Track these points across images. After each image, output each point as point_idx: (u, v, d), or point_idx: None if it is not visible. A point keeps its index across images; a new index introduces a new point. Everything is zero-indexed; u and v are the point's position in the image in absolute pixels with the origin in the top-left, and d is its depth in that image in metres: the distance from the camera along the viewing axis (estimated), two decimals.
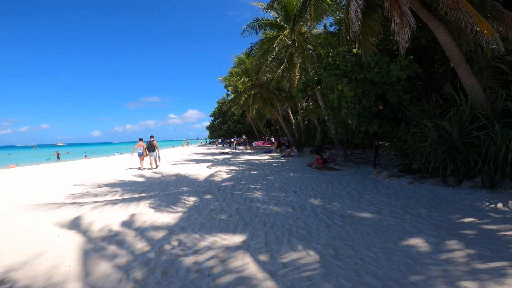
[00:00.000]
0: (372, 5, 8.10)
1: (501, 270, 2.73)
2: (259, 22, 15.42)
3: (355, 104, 8.32)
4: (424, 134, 7.09)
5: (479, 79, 6.76)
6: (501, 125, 5.72)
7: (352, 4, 7.12)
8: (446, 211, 4.87)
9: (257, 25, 15.39)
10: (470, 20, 6.13)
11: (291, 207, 5.58)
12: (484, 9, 6.75)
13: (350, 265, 3.09)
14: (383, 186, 7.01)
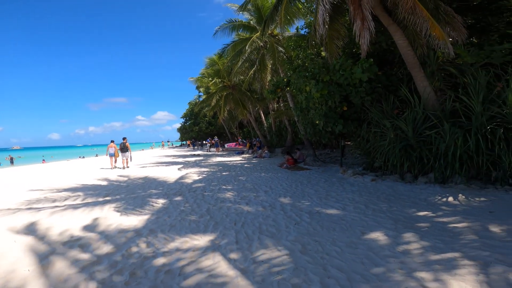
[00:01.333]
0: (339, 10, 8.39)
1: (453, 261, 2.95)
2: (232, 23, 15.44)
3: (321, 105, 8.66)
4: (383, 133, 7.57)
5: (431, 82, 7.29)
6: (449, 124, 6.26)
7: (320, 8, 7.34)
8: (403, 205, 5.25)
9: (230, 26, 15.39)
10: (424, 25, 6.51)
11: (262, 206, 5.67)
12: (438, 14, 7.16)
13: (317, 260, 3.22)
14: (348, 184, 7.37)
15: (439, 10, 7.16)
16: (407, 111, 7.12)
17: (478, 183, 5.88)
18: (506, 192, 5.38)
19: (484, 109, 5.97)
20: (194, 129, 45.48)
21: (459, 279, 2.55)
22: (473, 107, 6.08)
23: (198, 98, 44.58)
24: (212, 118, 40.45)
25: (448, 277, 2.63)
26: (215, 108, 26.52)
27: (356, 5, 7.07)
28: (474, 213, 4.53)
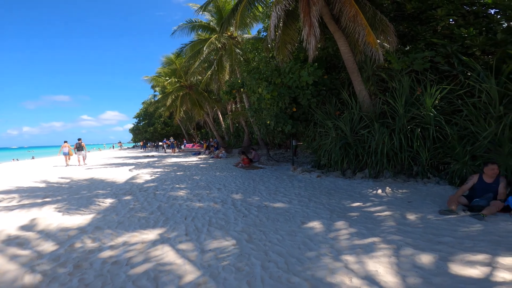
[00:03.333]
0: (293, 15, 8.81)
1: (372, 245, 3.41)
2: (191, 23, 15.31)
3: (273, 106, 9.14)
4: (327, 133, 8.27)
5: (367, 86, 8.12)
6: (378, 124, 7.09)
7: (273, 15, 7.72)
8: (340, 198, 5.86)
9: (190, 26, 15.24)
10: (362, 32, 7.18)
11: (214, 202, 5.85)
12: (375, 23, 7.69)
13: (260, 247, 3.51)
14: (297, 180, 7.91)
15: (376, 18, 7.74)
16: (346, 112, 7.88)
17: (403, 177, 6.80)
18: (424, 184, 6.33)
19: (406, 111, 6.88)
20: (149, 129, 43.56)
21: (375, 261, 2.98)
22: (398, 109, 6.98)
23: (153, 97, 42.86)
24: (168, 118, 39.21)
25: (367, 259, 3.05)
26: (171, 108, 25.85)
27: (306, 12, 7.53)
28: (396, 203, 5.25)
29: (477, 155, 5.69)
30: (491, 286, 2.35)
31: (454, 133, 6.08)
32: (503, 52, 6.47)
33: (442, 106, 6.68)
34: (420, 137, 6.48)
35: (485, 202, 4.32)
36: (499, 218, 4.07)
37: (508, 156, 5.28)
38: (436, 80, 7.03)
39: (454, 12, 7.48)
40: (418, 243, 3.39)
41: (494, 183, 4.48)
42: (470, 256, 2.94)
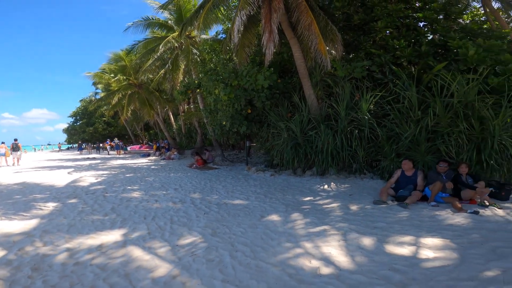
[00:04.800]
0: (254, 20, 9.13)
1: (324, 232, 3.91)
2: (148, 20, 14.69)
3: (229, 108, 9.39)
4: (279, 134, 8.80)
5: (315, 90, 8.85)
6: (324, 126, 7.83)
7: (237, 19, 7.92)
8: (293, 193, 6.39)
9: (146, 23, 14.57)
10: (314, 41, 7.76)
11: (172, 202, 5.86)
12: (326, 32, 8.26)
13: (226, 239, 3.74)
14: (252, 179, 8.29)
15: (327, 28, 8.33)
16: (296, 115, 8.53)
17: (345, 173, 7.66)
18: (361, 179, 7.22)
19: (346, 114, 7.74)
20: (88, 130, 39.77)
21: (327, 245, 3.45)
22: (340, 112, 7.82)
23: (95, 95, 39.38)
24: (112, 118, 36.39)
25: (321, 243, 3.50)
26: (117, 107, 24.15)
27: (267, 19, 7.92)
28: (340, 196, 5.96)
29: (401, 153, 6.73)
30: (418, 262, 2.92)
31: (383, 134, 7.07)
32: (425, 63, 7.75)
33: (375, 111, 7.67)
34: (357, 137, 7.37)
35: (407, 192, 5.21)
36: (419, 206, 4.94)
37: (424, 153, 6.40)
38: (371, 87, 8.02)
39: (390, 24, 8.57)
40: (359, 228, 3.99)
41: (413, 176, 5.43)
42: (399, 238, 3.57)
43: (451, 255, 3.02)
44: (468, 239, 3.43)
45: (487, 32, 8.46)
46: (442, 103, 6.54)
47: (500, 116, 5.85)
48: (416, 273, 2.67)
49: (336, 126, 7.81)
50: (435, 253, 3.09)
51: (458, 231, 3.72)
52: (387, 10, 8.52)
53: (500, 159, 5.72)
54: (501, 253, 2.98)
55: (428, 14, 8.64)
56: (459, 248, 3.16)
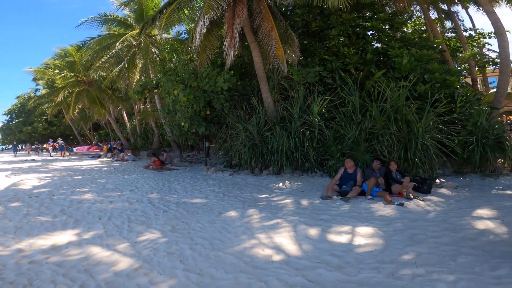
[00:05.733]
0: (217, 23, 9.23)
1: (277, 224, 4.32)
2: (105, 17, 13.84)
3: (187, 109, 9.40)
4: (237, 135, 9.09)
5: (272, 93, 9.29)
6: (279, 127, 8.33)
7: (200, 23, 8.00)
8: (251, 191, 6.75)
9: (102, 20, 13.69)
10: (274, 46, 8.12)
11: (128, 202, 5.81)
12: (285, 38, 8.56)
13: (185, 234, 3.94)
14: (211, 179, 8.47)
15: (287, 34, 8.59)
16: (254, 116, 8.92)
17: (298, 172, 8.24)
18: (313, 177, 7.85)
19: (299, 116, 8.30)
20: (25, 129, 35.66)
21: (280, 236, 3.85)
22: (294, 115, 8.37)
23: (35, 92, 35.53)
24: (55, 117, 33.17)
25: (273, 235, 3.90)
26: (61, 106, 22.19)
27: (230, 24, 8.10)
28: (293, 193, 6.46)
29: (345, 152, 7.48)
30: (352, 248, 3.43)
31: (330, 135, 7.76)
32: (368, 70, 8.63)
33: (324, 114, 8.37)
34: (308, 138, 7.97)
35: (349, 188, 5.87)
36: (359, 200, 5.60)
37: (364, 152, 7.23)
38: (322, 91, 8.67)
39: (343, 32, 9.33)
40: (307, 220, 4.47)
41: (354, 173, 6.15)
42: (340, 227, 4.11)
43: (378, 241, 3.58)
44: (393, 227, 4.05)
45: (421, 42, 9.57)
46: (378, 107, 7.42)
47: (423, 119, 6.85)
48: (350, 257, 3.16)
49: (290, 127, 8.35)
50: (366, 240, 3.64)
51: (386, 220, 4.37)
52: (341, 19, 9.26)
53: (423, 157, 6.74)
54: (417, 239, 3.59)
55: (376, 23, 9.61)
56: (384, 236, 3.74)
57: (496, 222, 3.99)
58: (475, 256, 3.04)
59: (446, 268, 2.80)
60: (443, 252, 3.16)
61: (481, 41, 15.72)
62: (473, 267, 2.81)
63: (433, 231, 3.81)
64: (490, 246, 3.29)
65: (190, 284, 2.61)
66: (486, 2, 8.18)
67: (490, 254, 3.08)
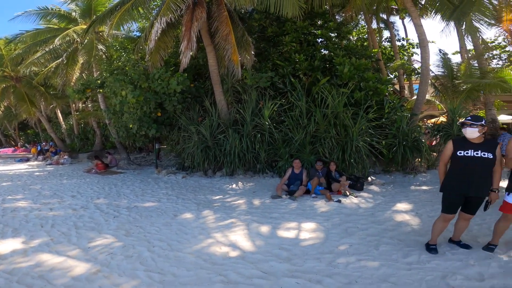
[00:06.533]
0: (174, 25, 8.93)
1: (231, 224, 4.58)
2: (45, 10, 12.28)
3: (136, 110, 9.07)
4: (190, 137, 9.08)
5: (225, 96, 9.47)
6: (232, 130, 8.58)
7: (156, 25, 7.78)
8: (204, 193, 6.89)
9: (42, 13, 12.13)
10: (229, 50, 7.99)
11: (72, 209, 5.50)
12: (242, 42, 8.66)
13: (141, 238, 3.98)
14: (163, 182, 8.35)
15: (243, 39, 8.71)
16: (207, 119, 9.02)
17: (250, 173, 8.61)
18: (264, 178, 8.29)
19: (251, 119, 8.66)
20: None
21: (234, 234, 4.12)
22: (246, 118, 8.71)
23: None
24: None
25: (228, 233, 4.16)
26: None
27: (187, 27, 7.97)
28: (246, 194, 6.80)
29: (293, 154, 8.09)
30: (298, 242, 3.85)
31: (280, 138, 8.30)
32: (315, 76, 9.37)
33: (274, 117, 8.82)
34: (260, 141, 8.39)
35: (296, 187, 6.43)
36: (304, 198, 6.14)
37: (309, 154, 7.95)
38: (273, 95, 9.19)
39: (295, 39, 9.89)
40: (259, 219, 4.83)
41: (300, 174, 6.77)
42: (288, 224, 4.54)
43: (320, 235, 4.08)
44: (332, 222, 4.60)
45: (361, 51, 10.57)
46: (321, 112, 8.21)
47: (357, 124, 7.79)
48: (297, 250, 3.57)
49: (242, 130, 8.69)
50: (310, 234, 4.12)
51: (326, 216, 4.94)
52: (295, 26, 9.83)
53: (357, 158, 7.70)
54: (350, 232, 4.16)
55: (325, 32, 10.43)
56: (325, 230, 4.26)
57: (411, 214, 4.80)
58: (392, 245, 3.60)
59: (371, 256, 3.32)
60: (369, 242, 3.71)
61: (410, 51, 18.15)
62: (391, 255, 3.31)
63: (363, 224, 4.45)
64: (404, 236, 3.89)
65: (154, 283, 2.73)
66: (416, 15, 9.26)
67: (404, 243, 3.64)
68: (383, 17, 16.42)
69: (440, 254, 3.23)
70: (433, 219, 3.42)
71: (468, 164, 3.01)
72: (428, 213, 4.71)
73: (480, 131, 2.99)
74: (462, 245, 3.37)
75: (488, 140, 3.18)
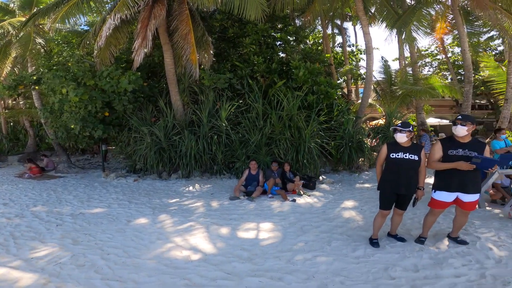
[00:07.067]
0: (128, 22, 8.35)
1: (191, 227, 4.52)
2: None
3: (79, 109, 8.31)
4: (142, 138, 8.65)
5: (182, 97, 9.22)
6: (188, 131, 8.42)
7: (109, 21, 7.24)
8: (160, 197, 6.64)
9: None
10: (188, 50, 7.73)
11: (5, 218, 4.89)
12: (201, 42, 8.57)
13: (92, 246, 3.73)
14: (112, 186, 7.80)
15: (203, 39, 8.61)
16: (161, 120, 8.70)
17: (207, 174, 8.54)
18: (221, 179, 8.30)
19: (208, 121, 8.60)
20: None
21: (194, 237, 4.09)
22: (202, 119, 8.61)
23: None
24: None
25: (188, 237, 4.11)
26: None
27: (144, 25, 7.51)
28: (204, 196, 6.71)
29: (249, 155, 8.24)
30: (258, 241, 3.98)
31: (237, 139, 8.38)
32: (272, 79, 9.64)
33: (231, 119, 8.92)
34: (216, 142, 8.36)
35: (253, 188, 6.59)
36: (262, 198, 6.30)
37: (265, 155, 8.21)
38: (231, 96, 9.19)
39: (255, 41, 9.99)
40: (218, 221, 4.85)
41: (257, 175, 6.95)
42: (247, 225, 4.64)
43: (278, 234, 4.25)
44: (288, 221, 4.82)
45: (316, 56, 11.12)
46: (276, 115, 8.53)
47: (309, 126, 8.28)
48: (257, 250, 3.70)
49: (199, 131, 8.57)
50: (268, 233, 4.27)
51: (282, 215, 5.15)
52: (256, 28, 9.92)
53: (309, 159, 8.20)
54: (305, 230, 4.41)
55: (284, 35, 10.76)
56: (282, 229, 4.45)
57: (357, 211, 5.28)
58: (342, 240, 3.88)
59: (325, 252, 3.58)
60: (322, 239, 3.99)
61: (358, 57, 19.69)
62: (342, 250, 3.58)
63: (316, 222, 4.75)
64: (352, 231, 4.20)
65: None
66: (365, 24, 10.10)
67: (352, 238, 3.94)
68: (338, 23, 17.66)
69: (381, 247, 3.61)
70: (375, 215, 3.82)
71: (399, 165, 3.44)
72: (370, 209, 5.24)
73: (408, 136, 3.43)
74: (398, 238, 3.83)
75: (415, 144, 3.67)
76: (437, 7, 12.44)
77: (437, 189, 3.49)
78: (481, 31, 13.55)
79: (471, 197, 3.35)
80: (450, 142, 3.42)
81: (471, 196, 3.35)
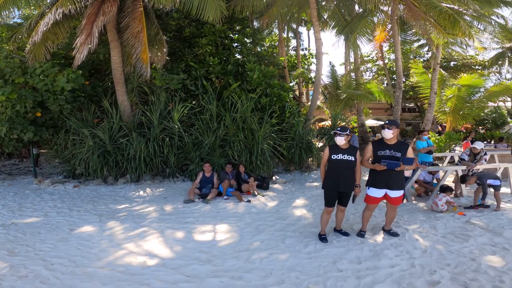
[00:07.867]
0: (71, 17, 7.53)
1: (144, 233, 4.36)
2: None
3: (6, 109, 7.33)
4: (82, 141, 7.96)
5: (130, 97, 8.71)
6: (136, 133, 8.02)
7: (49, 17, 6.52)
8: (106, 203, 6.20)
9: None
10: (139, 48, 7.39)
11: None
12: (154, 41, 8.24)
13: (32, 257, 3.42)
14: (47, 193, 6.99)
15: (157, 37, 8.26)
16: (105, 121, 8.09)
17: (159, 178, 8.21)
18: (175, 182, 8.06)
19: (159, 122, 8.27)
20: None
21: (149, 242, 3.97)
22: (153, 121, 8.26)
23: None
24: None
25: (142, 243, 3.98)
26: None
27: (90, 21, 6.86)
28: (156, 200, 6.47)
29: (203, 157, 8.18)
30: (216, 243, 4.00)
31: (190, 142, 8.23)
32: (227, 81, 9.63)
33: (184, 120, 8.71)
34: (169, 144, 8.10)
35: (208, 190, 6.56)
36: (217, 200, 6.31)
37: (219, 157, 8.22)
38: (184, 97, 8.96)
39: (212, 42, 9.83)
40: (173, 225, 4.76)
41: (211, 177, 6.94)
42: (203, 227, 4.63)
43: (234, 235, 4.34)
44: (244, 222, 4.94)
45: (271, 58, 11.39)
46: (230, 116, 8.60)
47: (262, 128, 8.52)
48: (215, 251, 3.75)
49: (149, 133, 8.19)
50: (225, 235, 4.34)
51: (238, 216, 5.26)
52: (214, 29, 9.77)
53: (263, 160, 8.47)
54: (261, 229, 4.57)
55: (241, 37, 10.78)
56: (238, 229, 4.55)
57: (307, 209, 5.63)
58: (295, 237, 4.09)
59: (280, 250, 3.76)
60: (277, 237, 4.18)
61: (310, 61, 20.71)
62: (295, 246, 3.78)
63: (270, 221, 4.95)
64: (303, 228, 4.45)
65: None
66: (318, 30, 10.65)
67: (303, 235, 4.16)
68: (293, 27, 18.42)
69: (329, 242, 3.94)
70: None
71: (339, 166, 3.82)
72: (319, 207, 5.63)
73: (346, 139, 3.84)
74: (343, 233, 4.22)
75: (351, 146, 4.05)
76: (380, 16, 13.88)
77: (370, 186, 3.96)
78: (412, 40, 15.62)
79: (396, 193, 3.86)
80: (380, 143, 3.89)
81: (396, 192, 3.85)
